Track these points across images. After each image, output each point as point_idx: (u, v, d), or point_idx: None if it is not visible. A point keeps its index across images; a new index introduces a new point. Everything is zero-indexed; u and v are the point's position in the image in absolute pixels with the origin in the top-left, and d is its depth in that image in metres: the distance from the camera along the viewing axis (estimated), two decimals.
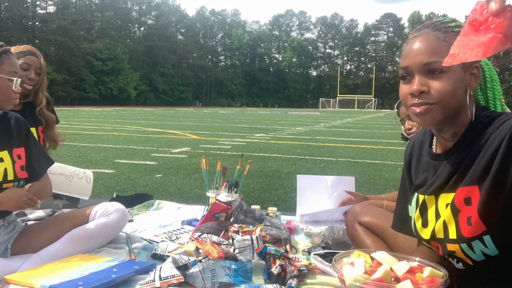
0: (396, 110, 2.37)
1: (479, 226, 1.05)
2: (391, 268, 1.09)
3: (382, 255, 1.14)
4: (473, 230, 1.06)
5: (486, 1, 0.57)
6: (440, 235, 1.15)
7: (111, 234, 2.01)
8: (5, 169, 1.71)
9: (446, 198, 1.14)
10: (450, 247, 1.12)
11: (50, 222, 1.94)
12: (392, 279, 1.07)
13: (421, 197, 1.22)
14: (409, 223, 1.29)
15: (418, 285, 1.03)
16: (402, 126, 2.41)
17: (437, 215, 1.16)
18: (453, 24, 1.11)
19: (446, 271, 1.09)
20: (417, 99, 1.08)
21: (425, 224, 1.21)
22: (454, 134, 1.14)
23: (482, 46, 0.58)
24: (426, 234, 1.20)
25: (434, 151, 1.21)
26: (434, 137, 1.22)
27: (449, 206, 1.12)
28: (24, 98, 2.51)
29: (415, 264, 1.13)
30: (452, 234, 1.11)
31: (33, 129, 2.55)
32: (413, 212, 1.25)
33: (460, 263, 1.15)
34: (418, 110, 1.08)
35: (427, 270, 1.08)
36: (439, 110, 1.07)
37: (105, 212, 1.96)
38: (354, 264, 1.13)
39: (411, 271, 1.09)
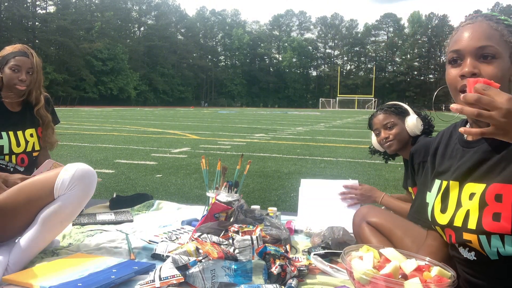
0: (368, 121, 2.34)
1: (505, 225, 1.04)
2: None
3: (390, 252, 1.14)
4: (497, 227, 1.05)
5: (469, 88, 0.91)
6: (458, 223, 1.14)
7: (84, 202, 1.91)
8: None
9: (473, 188, 1.13)
10: (467, 236, 1.12)
11: (12, 200, 1.79)
12: (400, 276, 1.06)
13: (444, 183, 1.23)
14: (426, 213, 1.28)
15: (427, 283, 1.02)
16: (375, 137, 2.37)
17: (458, 204, 1.16)
18: (502, 17, 1.16)
19: (454, 272, 1.09)
20: None
21: (444, 210, 1.20)
22: None
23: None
24: (443, 220, 1.19)
25: (465, 138, 1.23)
26: (468, 125, 1.24)
27: (476, 198, 1.11)
28: (22, 99, 2.50)
29: (423, 263, 1.13)
30: (472, 225, 1.10)
31: (32, 130, 2.55)
32: (432, 198, 1.26)
33: (473, 252, 1.15)
34: None
35: (435, 270, 1.08)
36: None
37: (70, 186, 1.83)
38: (362, 258, 1.13)
39: (418, 269, 1.09)
